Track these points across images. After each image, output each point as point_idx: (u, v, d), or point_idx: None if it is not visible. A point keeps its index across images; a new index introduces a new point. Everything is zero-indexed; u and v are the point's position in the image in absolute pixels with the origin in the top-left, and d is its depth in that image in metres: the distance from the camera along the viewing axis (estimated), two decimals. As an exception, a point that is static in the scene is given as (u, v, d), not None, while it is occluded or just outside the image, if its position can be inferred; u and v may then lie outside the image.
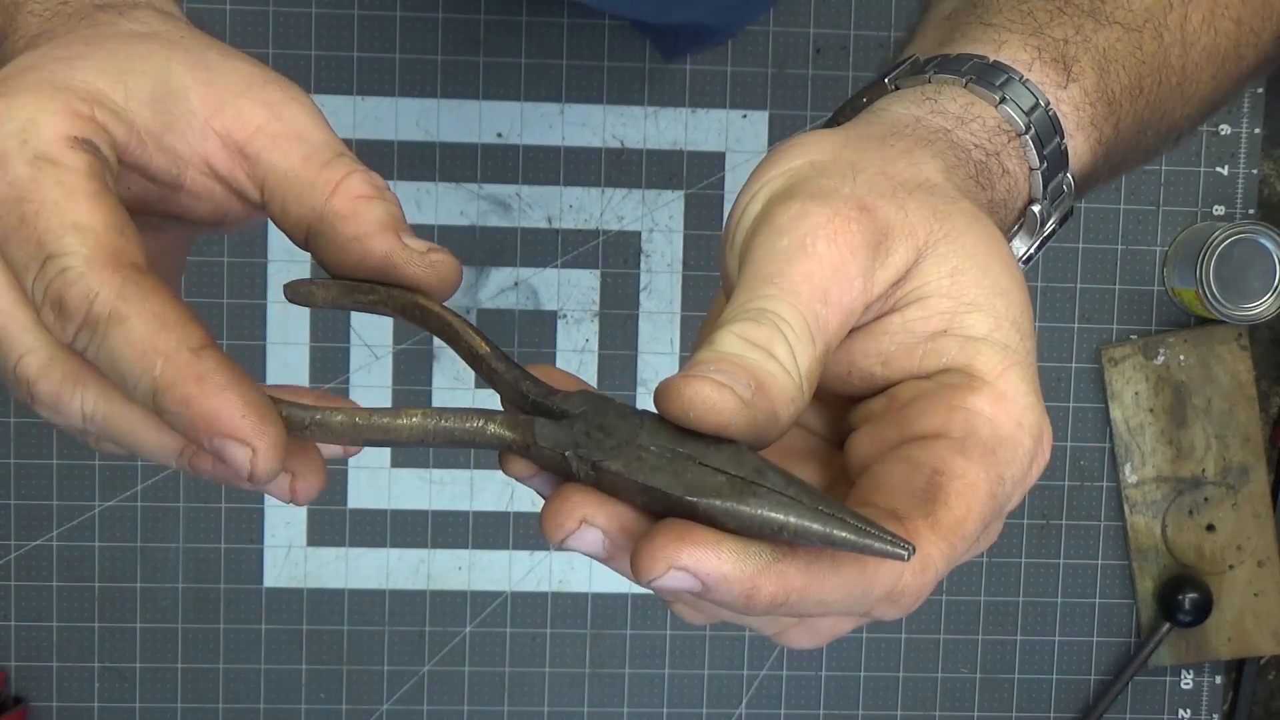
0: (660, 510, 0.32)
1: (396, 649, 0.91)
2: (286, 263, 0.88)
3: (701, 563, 0.30)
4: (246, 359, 0.88)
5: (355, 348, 0.89)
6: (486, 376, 0.36)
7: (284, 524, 0.90)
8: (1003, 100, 0.41)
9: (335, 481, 0.90)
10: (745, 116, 0.90)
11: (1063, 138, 0.42)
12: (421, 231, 0.89)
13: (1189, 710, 0.94)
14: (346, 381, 0.90)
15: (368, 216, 0.36)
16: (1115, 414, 0.92)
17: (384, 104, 0.88)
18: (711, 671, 0.92)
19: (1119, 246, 0.92)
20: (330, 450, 0.38)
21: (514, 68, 0.89)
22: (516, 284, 0.90)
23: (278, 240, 0.89)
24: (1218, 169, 0.92)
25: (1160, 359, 0.92)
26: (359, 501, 0.90)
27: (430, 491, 0.91)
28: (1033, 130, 0.41)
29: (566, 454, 0.32)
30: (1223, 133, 0.91)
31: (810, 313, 0.34)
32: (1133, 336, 0.92)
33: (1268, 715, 0.95)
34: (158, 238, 0.41)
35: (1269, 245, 0.86)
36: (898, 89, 0.43)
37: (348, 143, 0.41)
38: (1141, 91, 0.45)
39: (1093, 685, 0.94)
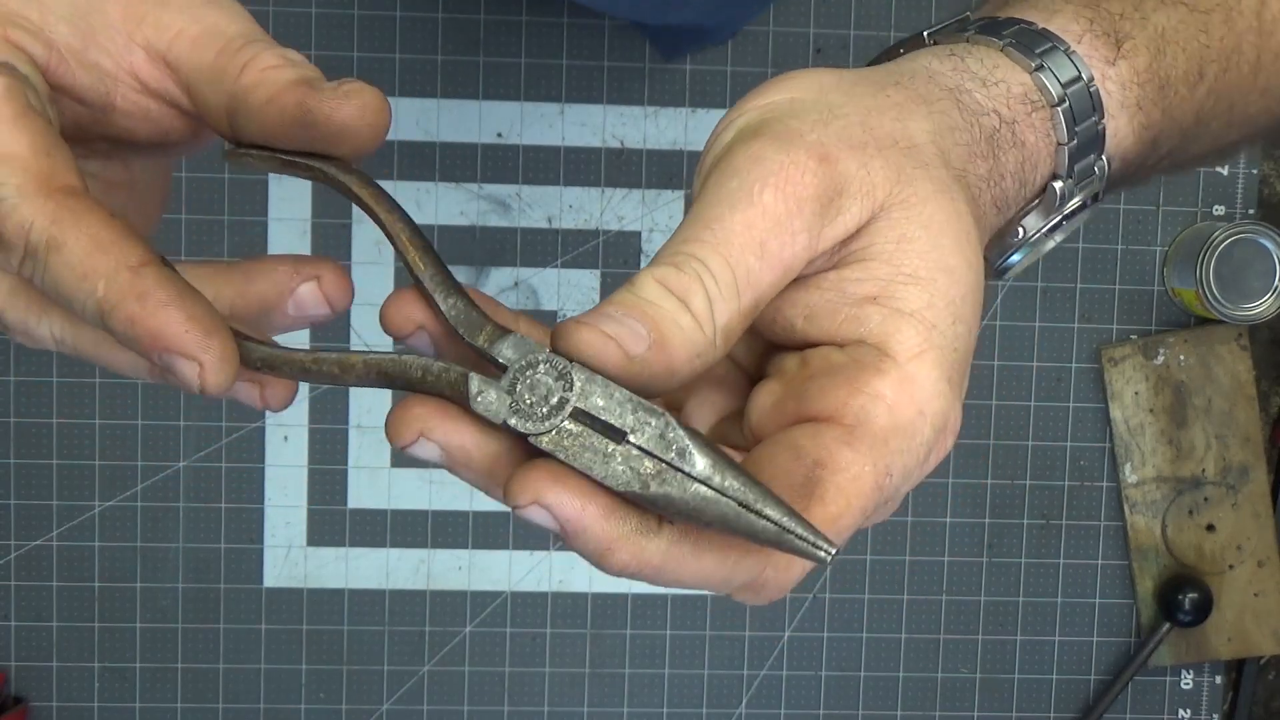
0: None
1: (396, 649, 0.91)
2: (286, 263, 0.88)
3: (565, 508, 0.31)
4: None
5: (355, 349, 0.89)
6: (422, 293, 0.36)
7: (284, 524, 0.90)
8: (1039, 68, 0.39)
9: (335, 481, 0.90)
10: (745, 116, 0.90)
11: (1101, 116, 0.40)
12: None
13: (1189, 710, 0.94)
14: (346, 381, 0.89)
15: (277, 80, 0.36)
16: (1115, 414, 0.92)
17: (384, 104, 0.88)
18: (711, 671, 0.92)
19: (1119, 246, 0.92)
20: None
21: (514, 68, 0.89)
22: (516, 284, 0.90)
23: (278, 240, 0.89)
24: (1218, 169, 0.92)
25: (1160, 359, 0.92)
26: (359, 501, 0.90)
27: (430, 491, 0.91)
28: (1067, 104, 0.39)
29: (501, 423, 0.33)
30: (1223, 133, 0.91)
31: (741, 265, 0.33)
32: (1133, 336, 0.92)
33: (1268, 715, 0.95)
34: (126, 171, 0.40)
35: (1269, 245, 0.86)
36: (936, 44, 0.41)
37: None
38: (1203, 78, 0.43)
39: (1093, 685, 0.94)
